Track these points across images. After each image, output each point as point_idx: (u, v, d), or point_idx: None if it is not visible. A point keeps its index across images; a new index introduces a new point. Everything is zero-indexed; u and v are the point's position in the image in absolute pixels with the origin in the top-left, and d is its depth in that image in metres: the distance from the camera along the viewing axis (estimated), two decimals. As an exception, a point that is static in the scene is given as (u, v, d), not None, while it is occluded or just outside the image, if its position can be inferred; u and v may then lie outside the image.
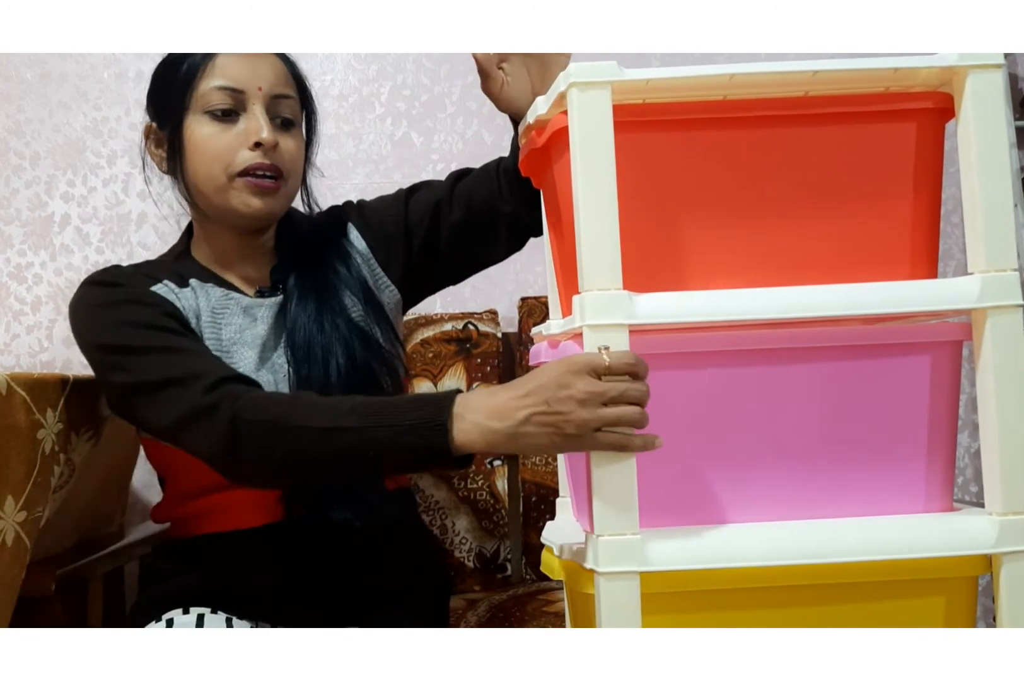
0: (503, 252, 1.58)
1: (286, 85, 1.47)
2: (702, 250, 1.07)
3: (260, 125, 1.41)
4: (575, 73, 1.01)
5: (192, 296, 1.45)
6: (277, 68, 1.47)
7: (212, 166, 1.42)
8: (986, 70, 1.03)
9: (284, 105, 1.46)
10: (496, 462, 2.12)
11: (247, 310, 1.47)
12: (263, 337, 1.46)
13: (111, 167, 2.38)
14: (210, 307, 1.45)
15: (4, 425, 1.31)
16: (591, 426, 1.01)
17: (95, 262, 2.35)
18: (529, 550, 2.11)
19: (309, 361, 1.43)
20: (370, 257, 1.56)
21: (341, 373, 1.42)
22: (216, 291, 1.47)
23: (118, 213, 2.38)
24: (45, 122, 2.39)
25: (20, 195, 2.37)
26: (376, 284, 1.56)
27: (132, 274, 1.47)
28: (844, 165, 1.08)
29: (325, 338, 1.44)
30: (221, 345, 1.43)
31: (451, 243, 1.55)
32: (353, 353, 1.44)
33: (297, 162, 1.47)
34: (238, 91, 1.42)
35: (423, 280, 1.61)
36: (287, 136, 1.45)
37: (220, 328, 1.44)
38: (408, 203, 1.57)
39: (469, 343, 2.18)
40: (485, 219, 1.52)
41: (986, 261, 1.03)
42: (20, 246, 2.36)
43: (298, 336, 1.44)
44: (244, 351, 1.44)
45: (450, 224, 1.54)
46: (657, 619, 1.01)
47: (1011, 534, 1.02)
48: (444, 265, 1.59)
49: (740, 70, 1.02)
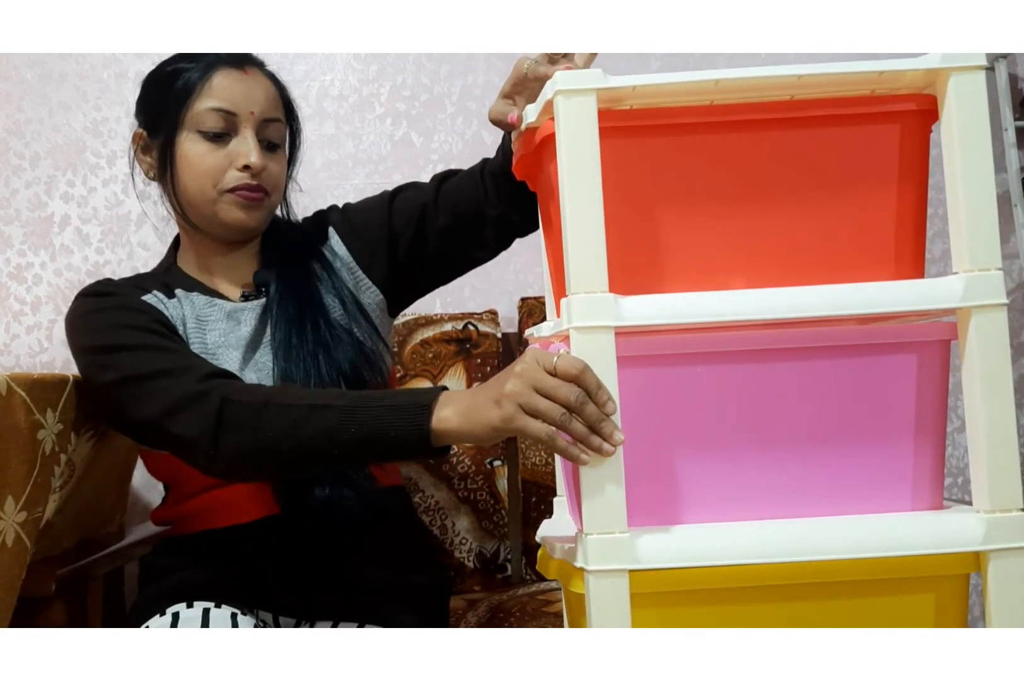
0: (491, 253, 1.60)
1: (276, 109, 1.52)
2: (689, 253, 1.08)
3: (249, 149, 1.47)
4: (560, 81, 1.02)
5: (178, 305, 1.49)
6: (269, 93, 1.51)
7: (202, 182, 1.48)
8: (969, 71, 1.04)
9: (272, 128, 1.51)
10: (496, 462, 2.12)
11: (231, 314, 1.51)
12: (247, 338, 1.49)
13: (111, 167, 2.39)
14: (195, 314, 1.49)
15: (4, 425, 1.32)
16: (514, 399, 1.05)
17: (95, 262, 2.36)
18: (529, 550, 2.11)
19: (292, 359, 1.45)
20: (351, 261, 1.59)
21: (324, 370, 1.44)
22: (200, 299, 1.51)
23: (118, 213, 2.39)
24: (45, 122, 2.40)
25: (20, 195, 2.38)
26: (357, 286, 1.58)
27: (123, 285, 1.52)
28: (830, 168, 1.08)
29: (308, 336, 1.47)
30: (207, 348, 1.47)
31: (439, 247, 1.56)
32: (335, 351, 1.47)
33: (280, 181, 1.53)
34: (232, 113, 1.47)
35: (411, 282, 1.62)
36: (272, 158, 1.51)
37: (205, 333, 1.48)
38: (392, 206, 1.59)
39: (469, 343, 2.19)
40: (472, 222, 1.53)
41: (970, 260, 1.04)
42: (20, 246, 2.37)
43: (281, 335, 1.48)
44: (229, 352, 1.48)
45: (437, 228, 1.55)
46: (647, 617, 1.02)
47: (999, 531, 1.03)
48: (432, 267, 1.61)
49: (726, 75, 1.02)
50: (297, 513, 1.43)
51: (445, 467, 2.12)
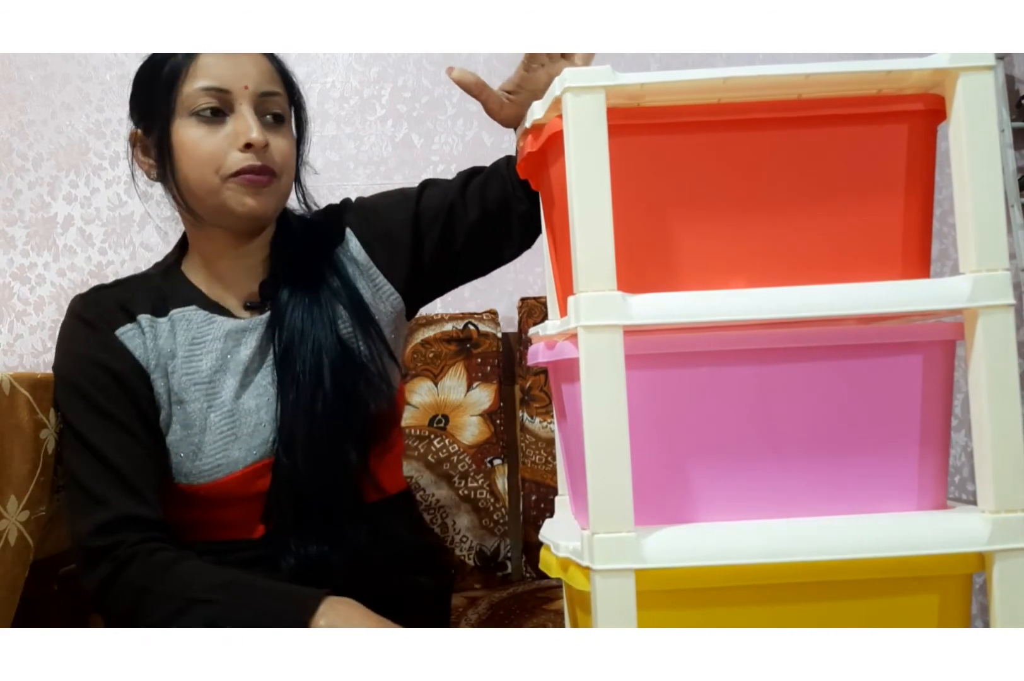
0: (516, 250, 1.57)
1: (272, 82, 1.45)
2: (697, 251, 1.08)
3: (249, 125, 1.39)
4: (569, 78, 1.02)
5: (170, 331, 1.45)
6: (262, 65, 1.45)
7: (203, 170, 1.40)
8: (977, 71, 1.04)
9: (272, 102, 1.44)
10: (496, 461, 2.13)
11: (230, 334, 1.46)
12: (245, 362, 1.45)
13: (114, 168, 2.40)
14: (189, 339, 1.45)
15: (7, 425, 1.32)
16: None
17: (98, 263, 2.36)
18: (529, 548, 2.12)
19: (293, 385, 1.42)
20: (371, 266, 1.54)
21: (327, 399, 1.42)
22: (198, 315, 1.46)
23: (121, 214, 2.39)
24: (48, 124, 2.40)
25: (23, 196, 2.39)
26: (375, 294, 1.54)
27: (109, 309, 1.47)
28: (837, 167, 1.08)
29: (311, 360, 1.43)
30: (202, 376, 1.43)
31: (466, 244, 1.54)
32: (339, 376, 1.43)
33: (289, 160, 1.46)
34: (224, 91, 1.40)
35: (432, 283, 1.59)
36: (277, 134, 1.44)
37: (200, 359, 1.44)
38: (419, 205, 1.54)
39: (469, 343, 2.19)
40: (499, 219, 1.51)
41: (977, 261, 1.03)
42: (23, 247, 2.37)
43: (282, 358, 1.44)
44: (226, 379, 1.44)
45: (465, 225, 1.52)
46: (653, 616, 1.02)
47: (1004, 532, 1.02)
48: (457, 266, 1.58)
49: (734, 73, 1.02)
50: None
51: (445, 466, 2.12)
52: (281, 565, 1.41)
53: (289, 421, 1.42)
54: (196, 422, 1.42)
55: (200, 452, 1.41)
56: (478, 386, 2.17)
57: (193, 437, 1.41)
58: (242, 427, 1.42)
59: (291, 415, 1.41)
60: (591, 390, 1.01)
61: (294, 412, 1.41)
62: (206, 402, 1.43)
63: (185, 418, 1.42)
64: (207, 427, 1.42)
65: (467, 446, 2.13)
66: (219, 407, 1.43)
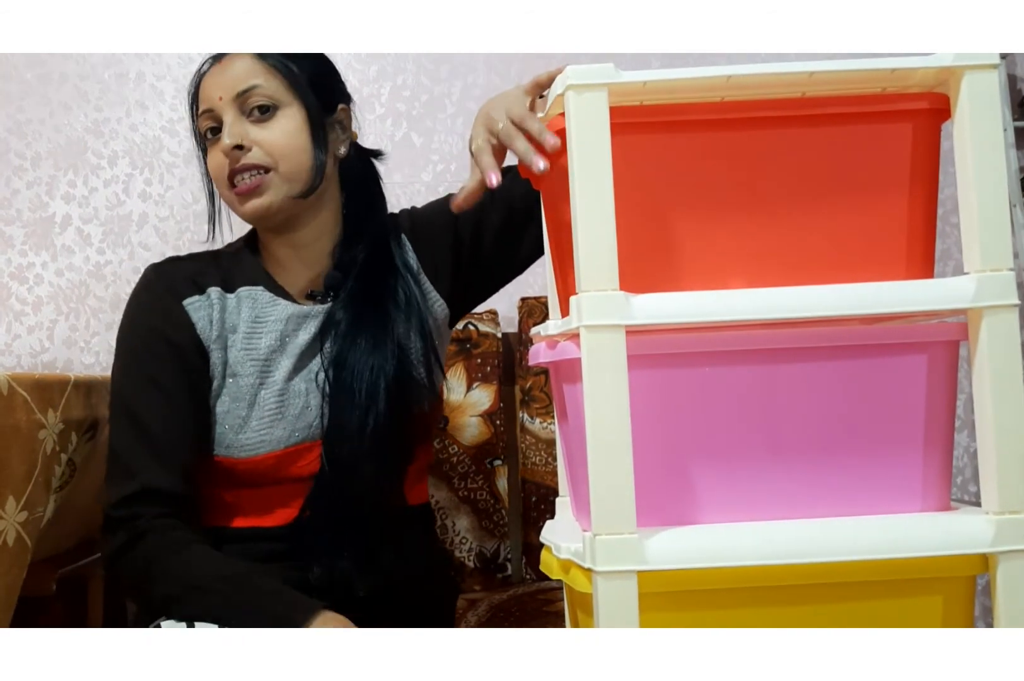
0: (540, 251, 1.52)
1: (250, 76, 1.44)
2: (699, 251, 1.08)
3: (225, 133, 1.42)
4: (572, 75, 1.01)
5: (236, 306, 1.48)
6: (239, 67, 1.44)
7: (219, 186, 1.48)
8: (982, 70, 1.03)
9: (252, 96, 1.43)
10: (496, 462, 2.12)
11: (291, 318, 1.48)
12: (303, 347, 1.48)
13: (112, 168, 2.39)
14: (253, 316, 1.48)
15: (5, 425, 1.32)
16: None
17: (96, 263, 2.36)
18: (529, 550, 2.11)
19: (342, 378, 1.44)
20: (420, 272, 1.56)
21: (369, 393, 1.43)
22: (264, 296, 1.49)
23: (119, 214, 2.38)
24: (46, 123, 2.39)
25: (21, 196, 2.38)
26: (425, 302, 1.54)
27: (181, 280, 1.50)
28: (841, 165, 1.08)
29: (364, 355, 1.45)
30: (259, 354, 1.46)
31: (494, 245, 1.56)
32: (388, 374, 1.45)
33: (284, 147, 1.43)
34: (211, 110, 1.45)
35: (469, 290, 1.61)
36: (263, 126, 1.44)
37: (261, 337, 1.47)
38: None
39: (469, 343, 2.19)
40: (524, 218, 1.52)
41: (982, 261, 1.03)
42: (21, 247, 2.37)
43: (338, 349, 1.46)
44: (281, 360, 1.47)
45: (493, 225, 1.54)
46: (655, 618, 1.02)
47: (1008, 533, 1.02)
48: (490, 269, 1.59)
49: (737, 71, 1.02)
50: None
51: (445, 467, 2.12)
52: (308, 575, 1.42)
53: (335, 435, 1.44)
54: (246, 396, 1.45)
55: (245, 426, 1.44)
56: (478, 386, 2.16)
57: (240, 411, 1.44)
58: (290, 408, 1.45)
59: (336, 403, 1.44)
60: (593, 390, 1.00)
61: (339, 401, 1.44)
62: (259, 378, 1.45)
63: (236, 391, 1.45)
64: (256, 402, 1.45)
65: (467, 447, 2.12)
66: (271, 385, 1.45)
